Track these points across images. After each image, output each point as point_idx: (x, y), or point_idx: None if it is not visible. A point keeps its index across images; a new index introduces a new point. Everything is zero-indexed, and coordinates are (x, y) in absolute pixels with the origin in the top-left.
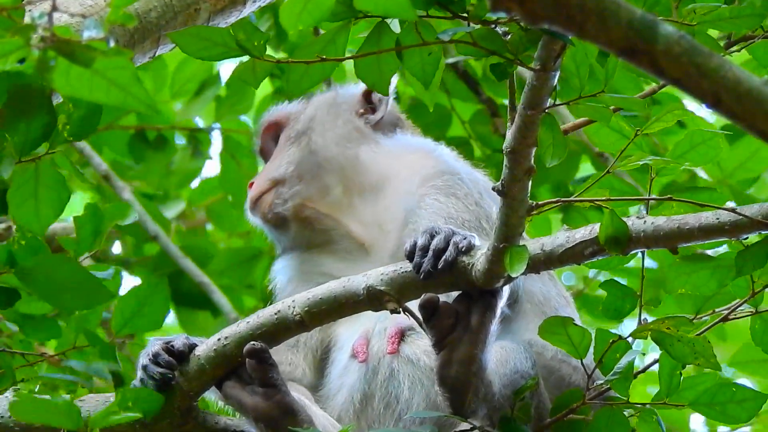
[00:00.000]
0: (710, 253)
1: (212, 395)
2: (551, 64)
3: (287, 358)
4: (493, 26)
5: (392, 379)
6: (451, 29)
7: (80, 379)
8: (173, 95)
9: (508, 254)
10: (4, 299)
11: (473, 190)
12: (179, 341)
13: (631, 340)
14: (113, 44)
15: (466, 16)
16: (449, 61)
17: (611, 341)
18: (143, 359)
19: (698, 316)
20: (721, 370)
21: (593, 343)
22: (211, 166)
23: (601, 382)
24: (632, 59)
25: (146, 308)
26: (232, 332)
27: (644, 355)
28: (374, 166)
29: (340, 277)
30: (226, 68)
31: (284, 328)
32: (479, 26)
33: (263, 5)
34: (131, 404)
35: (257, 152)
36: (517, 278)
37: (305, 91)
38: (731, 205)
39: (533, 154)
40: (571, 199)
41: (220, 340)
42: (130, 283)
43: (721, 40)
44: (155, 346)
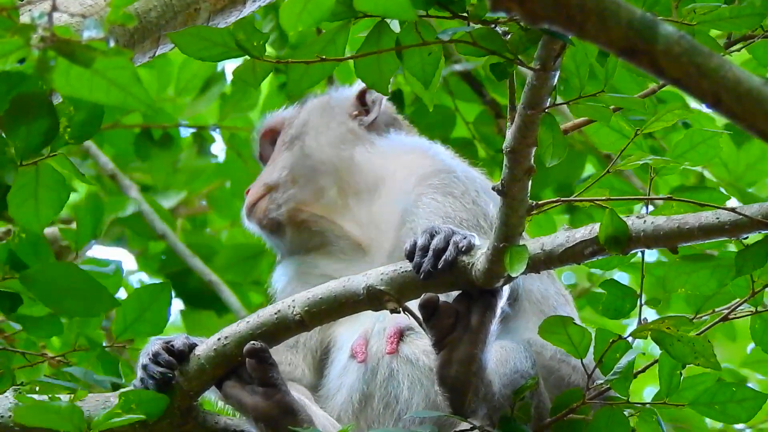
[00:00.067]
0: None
1: (212, 395)
2: (551, 63)
3: (287, 358)
4: (493, 26)
5: (391, 379)
6: (451, 29)
7: (80, 386)
8: (178, 92)
9: (508, 254)
10: (7, 304)
11: (470, 188)
12: (179, 341)
13: (631, 339)
14: (113, 44)
15: (466, 15)
16: (457, 68)
17: (611, 341)
18: (143, 359)
19: (698, 315)
20: (721, 369)
21: (593, 342)
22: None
23: (601, 381)
24: (632, 59)
25: (148, 313)
26: (232, 332)
27: (644, 354)
28: (369, 166)
29: (339, 277)
30: (230, 66)
31: (284, 327)
32: (479, 26)
33: (264, 5)
34: (134, 406)
35: (257, 158)
36: (517, 278)
37: (305, 90)
38: (731, 204)
39: (533, 153)
40: (569, 198)
41: (220, 339)
42: (134, 278)
43: (721, 39)
44: (155, 345)
